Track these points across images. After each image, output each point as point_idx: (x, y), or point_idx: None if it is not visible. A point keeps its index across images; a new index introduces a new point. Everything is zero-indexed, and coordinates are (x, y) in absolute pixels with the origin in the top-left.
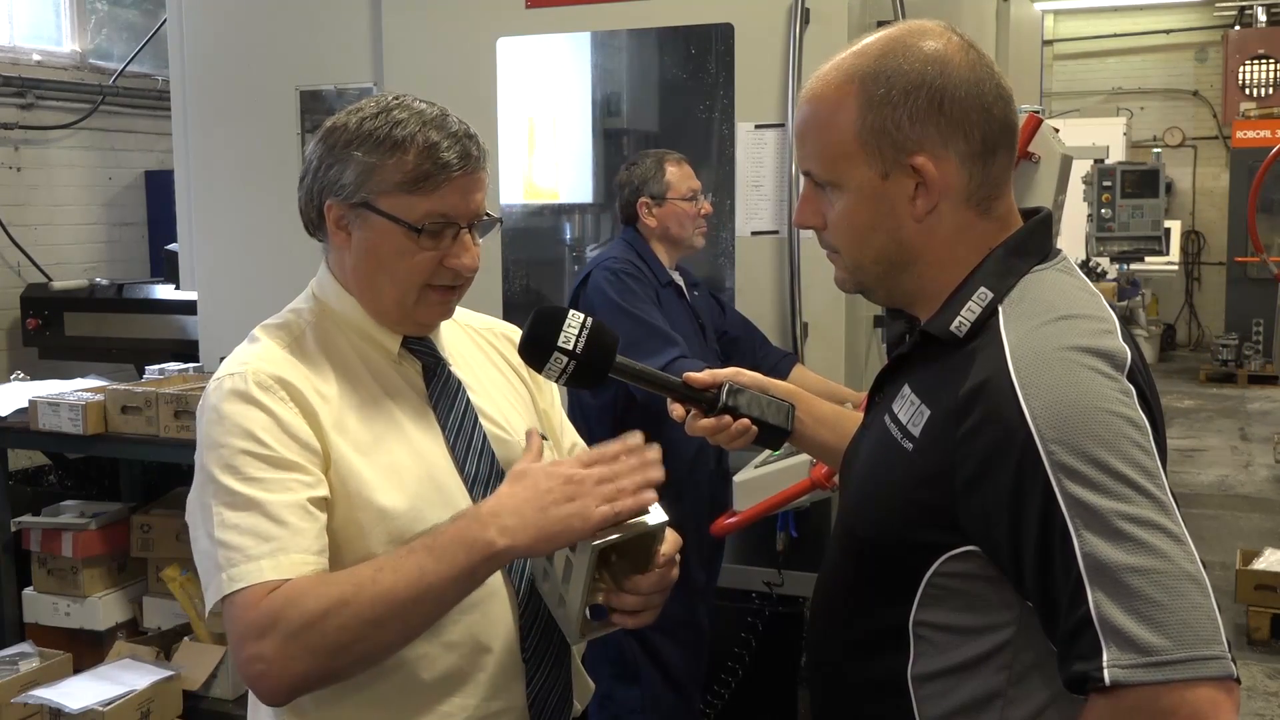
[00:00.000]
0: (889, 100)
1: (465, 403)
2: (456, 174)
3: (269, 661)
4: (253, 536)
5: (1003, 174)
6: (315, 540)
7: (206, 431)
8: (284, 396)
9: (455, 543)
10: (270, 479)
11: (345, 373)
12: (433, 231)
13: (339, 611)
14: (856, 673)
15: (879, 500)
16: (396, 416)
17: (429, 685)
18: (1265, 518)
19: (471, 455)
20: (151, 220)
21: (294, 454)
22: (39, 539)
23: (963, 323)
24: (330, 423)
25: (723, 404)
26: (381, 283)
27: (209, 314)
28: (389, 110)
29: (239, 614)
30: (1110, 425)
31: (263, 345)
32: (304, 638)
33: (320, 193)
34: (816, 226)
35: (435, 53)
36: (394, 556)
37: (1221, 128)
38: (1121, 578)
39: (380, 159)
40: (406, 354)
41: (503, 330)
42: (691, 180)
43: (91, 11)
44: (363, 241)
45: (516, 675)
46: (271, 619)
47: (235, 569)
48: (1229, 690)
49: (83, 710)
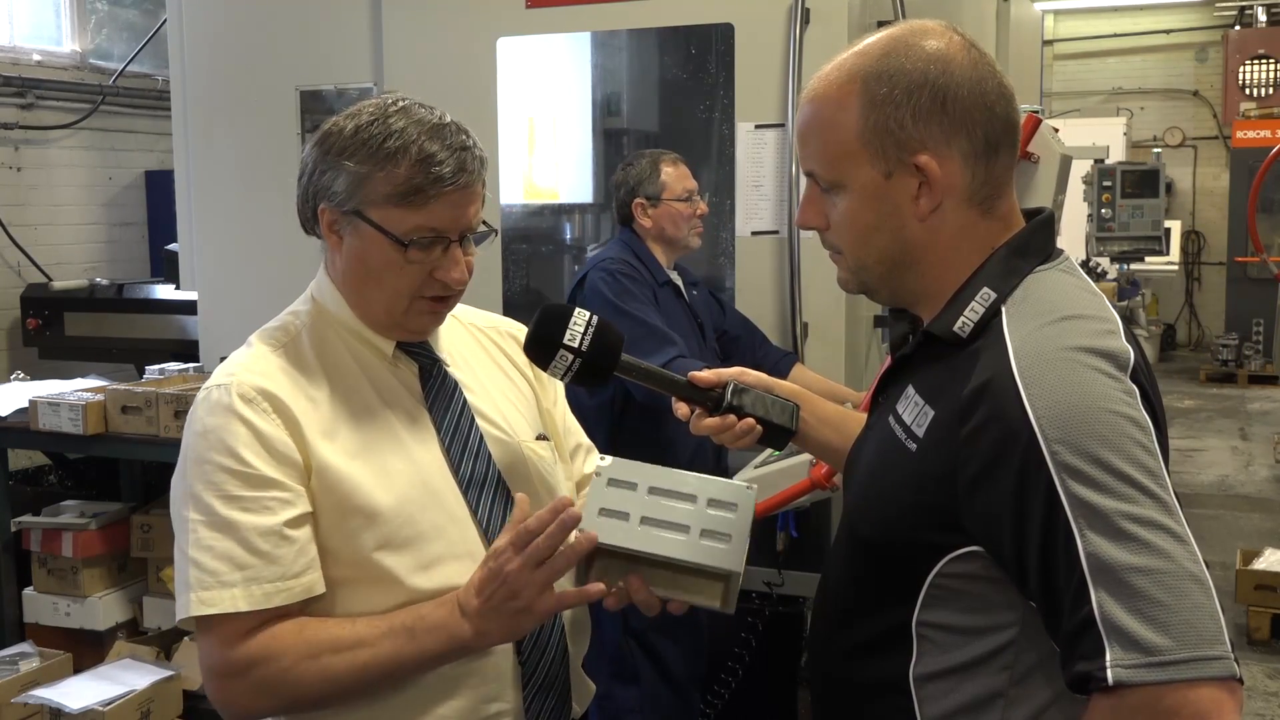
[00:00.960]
0: (892, 100)
1: (462, 404)
2: (448, 188)
3: (236, 696)
4: (227, 562)
5: (1005, 173)
6: (292, 564)
7: (190, 443)
8: (266, 409)
9: (437, 630)
10: (249, 498)
11: (339, 376)
12: (421, 245)
13: (313, 672)
14: (859, 672)
15: (883, 501)
16: (390, 420)
17: (425, 688)
18: (1265, 518)
19: (468, 457)
20: (151, 220)
21: (274, 471)
22: (39, 539)
23: (966, 323)
24: (318, 429)
25: (728, 403)
26: (371, 291)
27: (209, 314)
28: (386, 117)
29: (215, 646)
30: (1114, 425)
31: (253, 352)
32: (276, 689)
33: (314, 196)
34: (819, 227)
35: (435, 53)
36: (374, 630)
37: (1221, 128)
38: (1125, 578)
39: (372, 169)
40: (402, 356)
41: (507, 328)
42: (687, 180)
43: (91, 11)
44: (353, 249)
45: (513, 678)
46: (248, 664)
47: (207, 593)
48: (1232, 690)
49: (83, 710)
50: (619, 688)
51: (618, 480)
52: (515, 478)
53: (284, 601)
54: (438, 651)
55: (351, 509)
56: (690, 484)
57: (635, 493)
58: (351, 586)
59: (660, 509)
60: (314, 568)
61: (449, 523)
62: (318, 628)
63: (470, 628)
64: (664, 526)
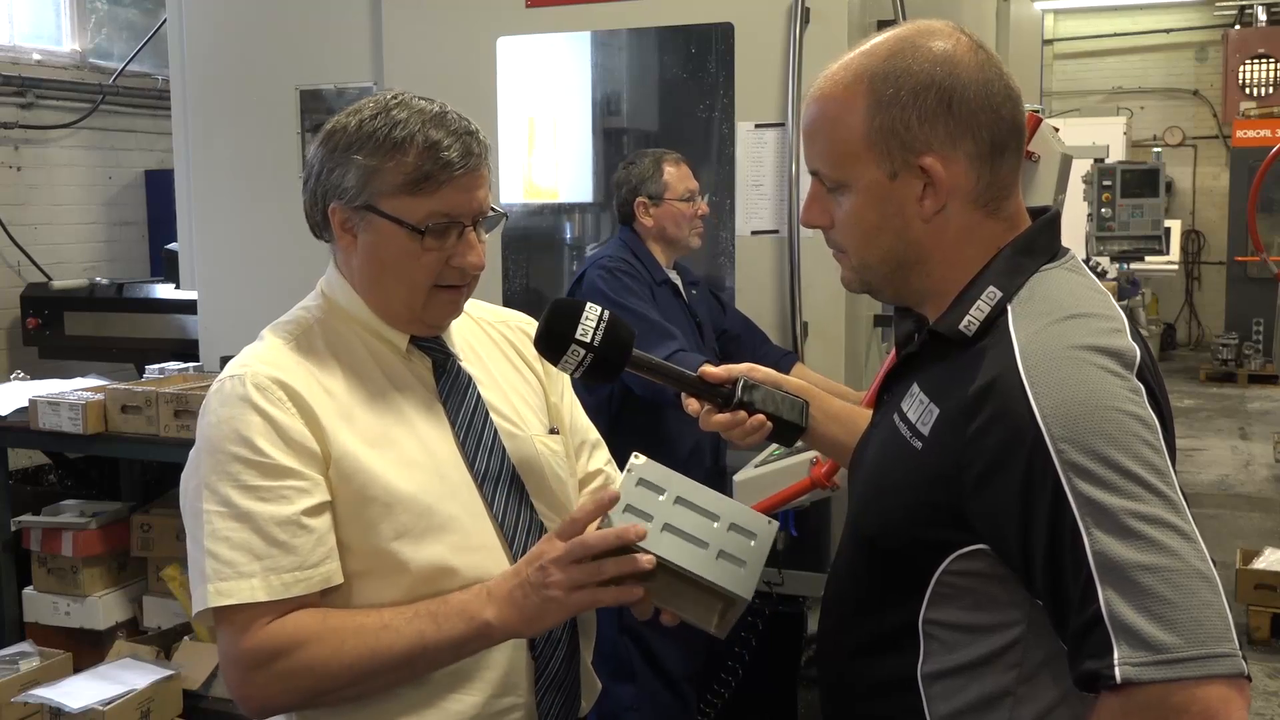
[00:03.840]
0: (898, 101)
1: (475, 399)
2: (459, 172)
3: (259, 688)
4: (245, 552)
5: (1011, 174)
6: (311, 553)
7: (205, 434)
8: (281, 398)
9: (460, 612)
10: (265, 487)
11: (353, 367)
12: (437, 231)
13: (336, 662)
14: (866, 671)
15: (889, 499)
16: (405, 411)
17: (438, 681)
18: (1265, 517)
19: (482, 452)
20: (151, 220)
21: (290, 460)
22: (39, 538)
23: (971, 322)
24: (335, 418)
25: (738, 399)
26: (389, 285)
27: (209, 313)
28: (388, 110)
29: (235, 636)
30: (1120, 423)
31: (267, 344)
32: (298, 680)
33: (324, 196)
34: (824, 226)
35: (435, 52)
36: (400, 615)
37: (1221, 127)
38: (1132, 576)
39: (381, 161)
40: (416, 350)
41: (517, 322)
42: (689, 180)
43: (91, 11)
44: (368, 245)
45: (525, 673)
46: (270, 654)
47: (225, 583)
48: (1240, 688)
49: (83, 710)
50: (615, 685)
51: (648, 482)
52: (528, 472)
53: (303, 591)
54: (459, 636)
55: (370, 497)
56: (716, 503)
57: (662, 498)
58: (368, 579)
59: (683, 519)
60: (333, 557)
61: (466, 515)
62: (342, 616)
63: (494, 611)
64: (684, 537)
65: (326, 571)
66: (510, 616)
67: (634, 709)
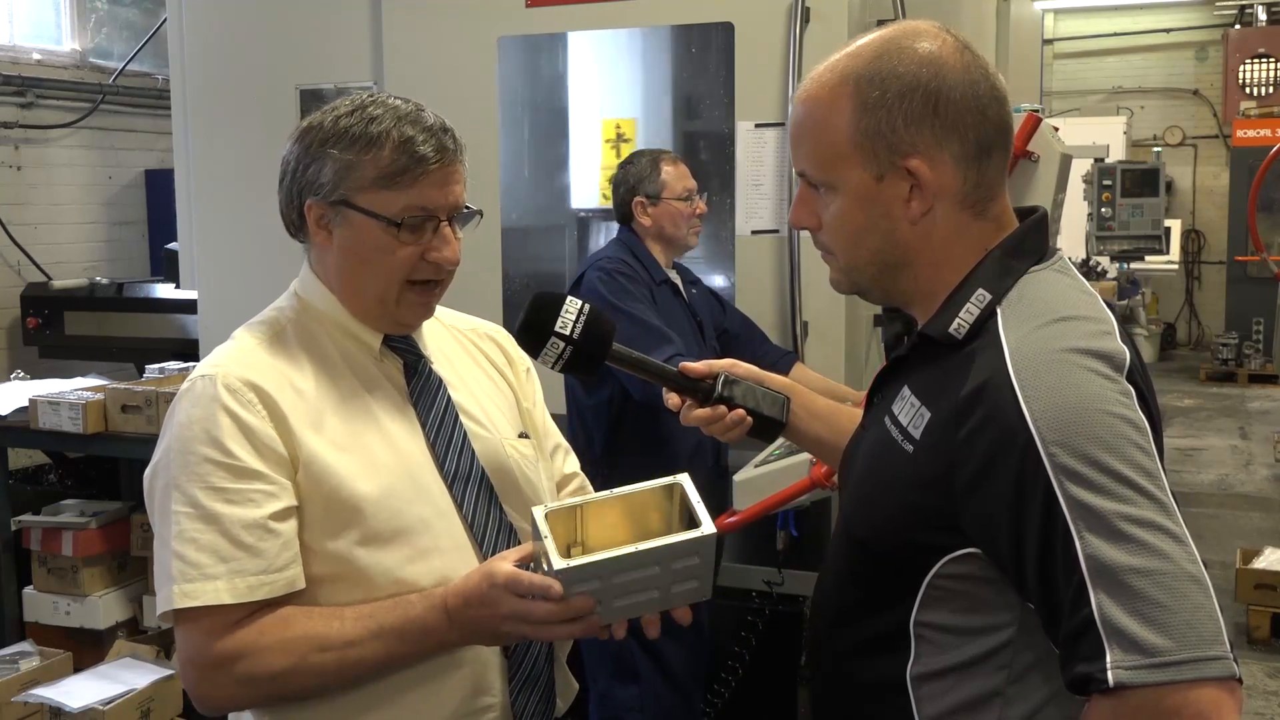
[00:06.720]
0: (884, 103)
1: (446, 400)
2: (433, 166)
3: (218, 689)
4: (210, 554)
5: (998, 175)
6: (277, 557)
7: (173, 434)
8: (252, 400)
9: (426, 635)
10: (234, 490)
11: (325, 368)
12: (412, 225)
13: (298, 669)
14: (857, 672)
15: (879, 502)
16: (375, 412)
17: (410, 681)
18: (1265, 517)
19: (451, 452)
20: (151, 220)
21: (258, 463)
22: (39, 538)
23: (961, 324)
24: (305, 420)
25: (718, 394)
26: (364, 281)
27: (209, 313)
28: (364, 107)
29: (198, 638)
30: (1110, 427)
31: (238, 344)
32: (258, 683)
33: (299, 193)
34: (811, 227)
35: (435, 52)
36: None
37: (1222, 127)
38: (1124, 579)
39: (357, 155)
40: (388, 351)
41: (486, 330)
42: (687, 180)
43: (91, 10)
44: (344, 240)
45: (499, 672)
46: (231, 657)
47: (190, 585)
48: (1232, 690)
49: (83, 709)
50: (619, 686)
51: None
52: (497, 474)
53: (268, 595)
54: (426, 653)
55: (339, 501)
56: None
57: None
58: (335, 583)
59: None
60: (297, 562)
61: (435, 516)
62: (304, 623)
63: (457, 635)
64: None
65: (291, 576)
66: (472, 639)
67: (638, 710)
